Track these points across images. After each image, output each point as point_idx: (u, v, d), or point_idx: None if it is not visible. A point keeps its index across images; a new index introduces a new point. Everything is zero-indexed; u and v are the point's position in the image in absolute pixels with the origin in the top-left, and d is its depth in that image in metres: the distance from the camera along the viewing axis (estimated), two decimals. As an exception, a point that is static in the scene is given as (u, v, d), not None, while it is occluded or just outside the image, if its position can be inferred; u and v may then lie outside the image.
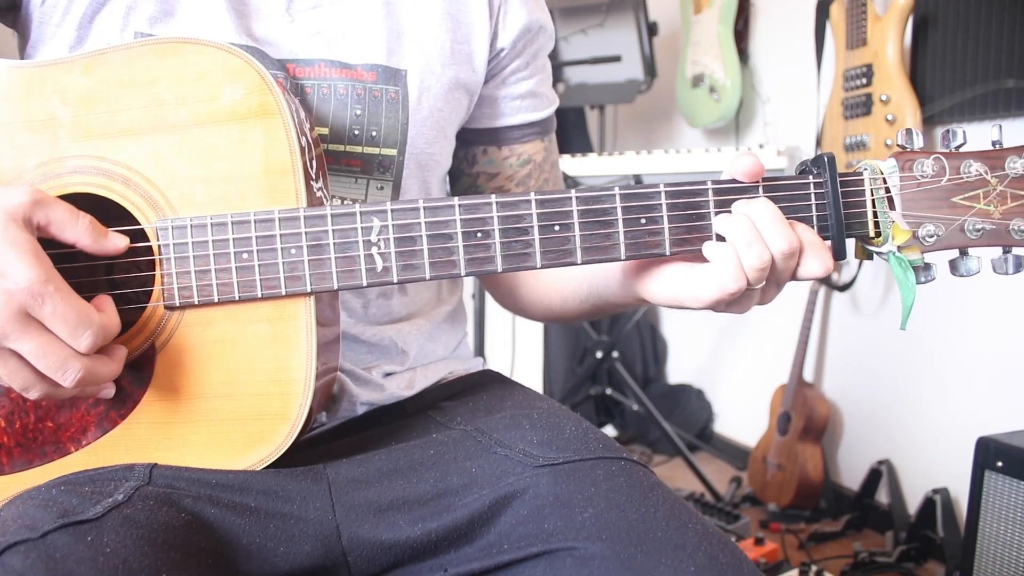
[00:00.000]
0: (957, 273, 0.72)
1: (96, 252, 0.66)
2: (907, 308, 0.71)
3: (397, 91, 0.84)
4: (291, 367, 0.70)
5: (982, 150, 0.71)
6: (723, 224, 0.70)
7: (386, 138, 0.84)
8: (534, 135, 0.98)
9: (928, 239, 0.71)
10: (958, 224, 0.71)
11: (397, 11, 0.86)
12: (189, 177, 0.69)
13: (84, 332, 0.62)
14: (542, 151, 1.00)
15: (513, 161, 0.97)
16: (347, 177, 0.84)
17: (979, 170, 0.70)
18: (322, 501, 0.72)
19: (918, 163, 0.71)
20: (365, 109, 0.83)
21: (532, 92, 0.96)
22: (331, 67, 0.82)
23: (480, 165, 0.98)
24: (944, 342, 2.14)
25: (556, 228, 0.69)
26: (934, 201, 0.71)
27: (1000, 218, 0.70)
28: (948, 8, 2.02)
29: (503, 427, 0.79)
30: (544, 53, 0.98)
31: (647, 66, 2.83)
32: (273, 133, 0.69)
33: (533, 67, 0.96)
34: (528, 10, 0.92)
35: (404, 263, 0.69)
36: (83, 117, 0.69)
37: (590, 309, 0.90)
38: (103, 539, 0.60)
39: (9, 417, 0.70)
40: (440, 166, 0.92)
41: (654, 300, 0.76)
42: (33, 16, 0.80)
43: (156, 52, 0.70)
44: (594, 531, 0.67)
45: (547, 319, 1.01)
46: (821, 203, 0.71)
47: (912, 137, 0.71)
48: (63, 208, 0.64)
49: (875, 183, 0.71)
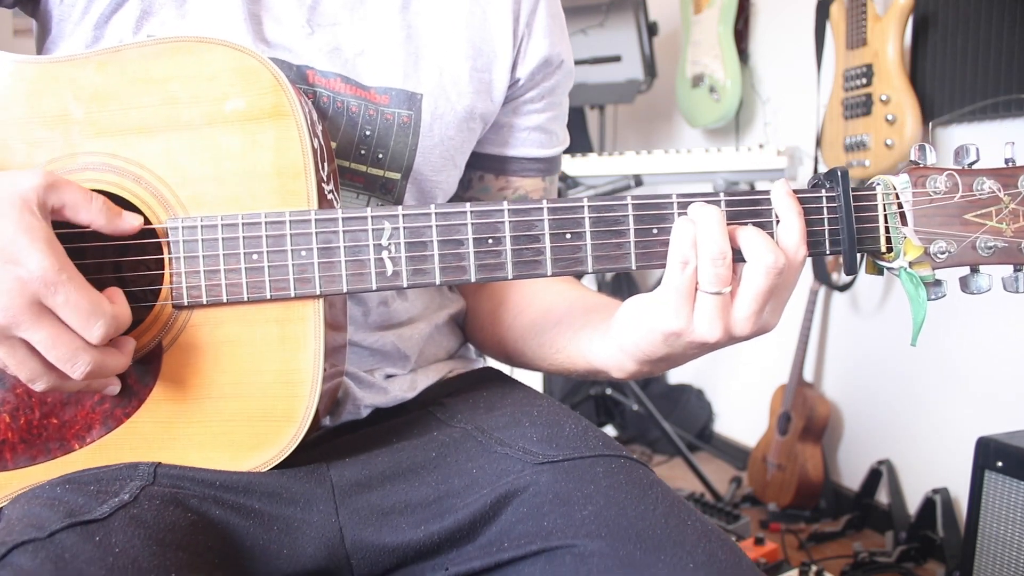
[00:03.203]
0: (968, 290, 0.72)
1: (111, 232, 0.66)
2: (918, 324, 0.71)
3: (410, 115, 0.83)
4: (298, 369, 0.70)
5: (995, 168, 0.71)
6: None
7: (391, 162, 0.83)
8: (536, 172, 0.95)
9: (940, 256, 0.70)
10: (970, 241, 0.70)
11: (417, 34, 0.84)
12: (201, 176, 0.69)
13: (97, 322, 0.61)
14: (540, 190, 0.96)
15: (508, 194, 0.95)
16: (349, 192, 0.83)
17: (992, 187, 0.70)
18: (325, 504, 0.72)
19: (931, 179, 0.70)
20: (375, 131, 0.82)
21: (542, 127, 0.93)
22: (346, 84, 0.81)
23: (474, 191, 0.95)
24: (944, 342, 2.14)
25: (568, 236, 0.69)
26: (946, 218, 0.70)
27: (1012, 236, 0.70)
28: (948, 8, 2.02)
29: (503, 425, 0.80)
30: (562, 91, 0.94)
31: (647, 66, 2.84)
32: (286, 134, 0.69)
33: (548, 101, 0.93)
34: (551, 42, 0.90)
35: (415, 268, 0.69)
36: (96, 114, 0.69)
37: (560, 371, 0.86)
38: (111, 539, 0.60)
39: (14, 413, 0.70)
40: (444, 194, 0.90)
41: (625, 335, 0.73)
42: (53, 12, 0.80)
43: (170, 51, 0.69)
44: (593, 529, 0.67)
45: (511, 361, 0.96)
46: (833, 217, 0.70)
47: (925, 153, 0.71)
48: (76, 190, 0.64)
49: (888, 198, 0.71)
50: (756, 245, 0.67)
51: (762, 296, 0.67)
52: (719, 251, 0.66)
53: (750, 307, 0.67)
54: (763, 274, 0.66)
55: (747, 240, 0.67)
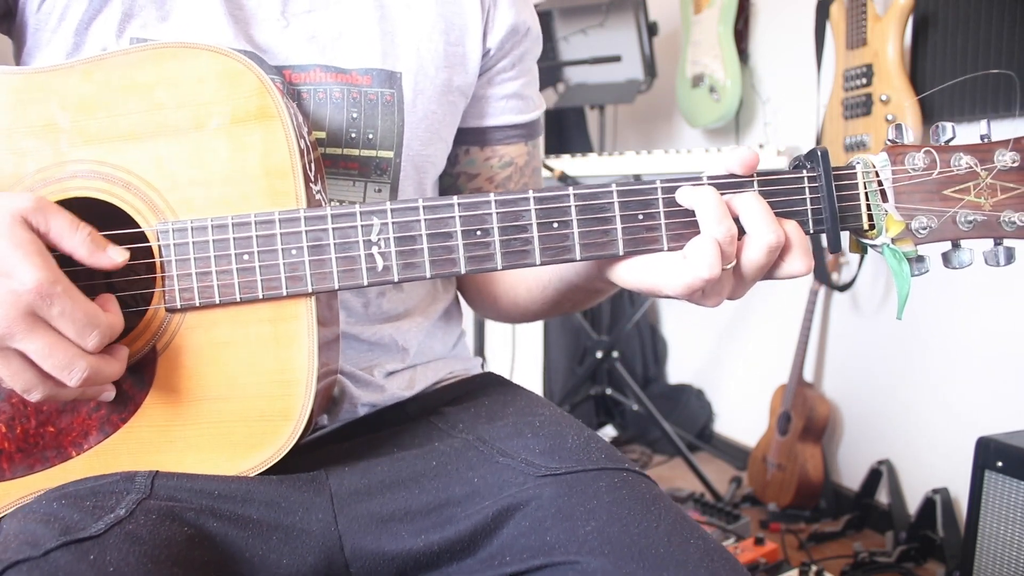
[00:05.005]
0: (950, 265, 0.73)
1: (91, 265, 0.66)
2: (903, 298, 0.72)
3: (392, 94, 0.84)
4: (293, 368, 0.70)
5: (971, 144, 0.72)
6: (689, 196, 0.69)
7: (382, 141, 0.84)
8: (518, 138, 0.97)
9: (921, 231, 0.72)
10: (950, 216, 0.72)
11: (391, 14, 0.86)
12: (189, 180, 0.69)
13: (92, 331, 0.62)
14: (524, 155, 0.99)
15: (495, 163, 0.97)
16: (345, 180, 0.84)
17: (969, 163, 0.72)
18: (324, 512, 0.72)
19: (909, 156, 0.72)
20: (361, 112, 0.83)
21: (517, 94, 0.96)
22: (326, 72, 0.82)
23: (461, 165, 0.97)
24: (944, 342, 2.14)
25: (555, 225, 0.70)
26: (926, 194, 0.72)
27: (991, 210, 0.72)
28: (948, 8, 2.02)
29: (505, 435, 0.79)
30: (531, 57, 0.97)
31: (647, 66, 2.83)
32: (273, 136, 0.69)
33: (519, 68, 0.95)
34: (516, 11, 0.92)
35: (404, 262, 0.69)
36: (83, 122, 0.69)
37: (553, 296, 0.89)
38: (106, 557, 0.60)
39: (10, 422, 0.70)
40: (436, 168, 0.92)
41: (622, 284, 0.74)
42: (29, 22, 0.80)
43: (155, 57, 0.70)
44: (596, 545, 0.67)
45: (513, 315, 0.99)
46: (815, 196, 0.72)
47: (903, 132, 0.72)
48: (64, 217, 0.64)
49: (868, 176, 0.72)
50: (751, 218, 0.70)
51: None
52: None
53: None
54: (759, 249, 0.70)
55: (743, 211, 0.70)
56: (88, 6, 0.78)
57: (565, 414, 0.85)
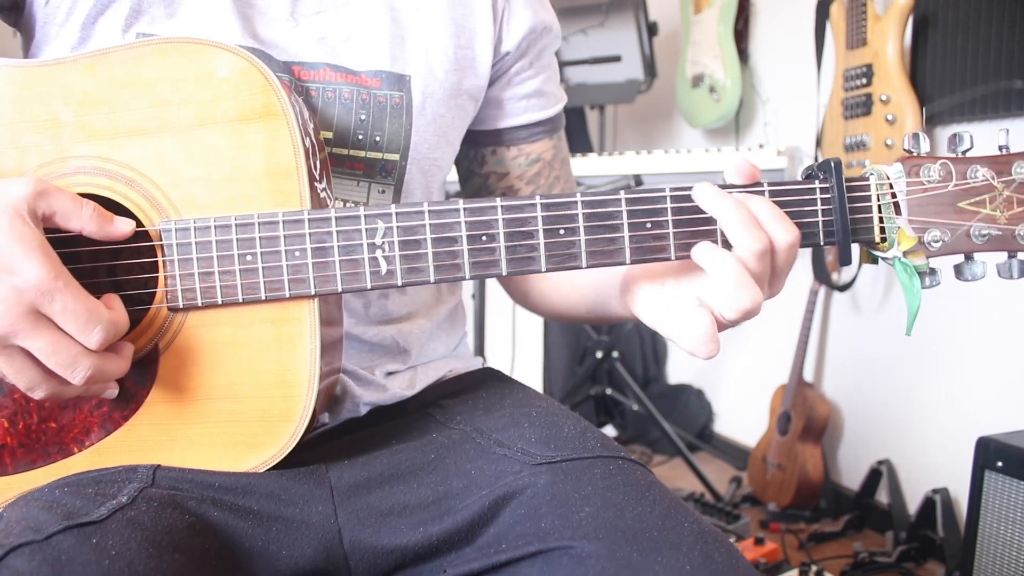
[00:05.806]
0: (962, 278, 0.72)
1: (102, 238, 0.66)
2: (912, 313, 0.71)
3: (401, 96, 0.84)
4: (295, 369, 0.70)
5: (989, 155, 0.71)
6: (712, 202, 0.68)
7: (389, 143, 0.84)
8: (542, 134, 0.98)
9: (934, 244, 0.70)
10: (964, 229, 0.70)
11: (401, 16, 0.86)
12: (192, 178, 0.69)
13: (95, 328, 0.61)
14: (551, 149, 0.99)
15: (522, 161, 0.97)
16: (349, 180, 0.84)
17: (986, 175, 0.70)
18: (324, 505, 0.73)
19: (924, 168, 0.70)
20: (369, 115, 0.83)
21: (538, 91, 0.96)
22: (335, 72, 0.82)
23: (490, 165, 0.98)
24: (944, 342, 2.14)
25: (561, 232, 0.69)
26: (940, 206, 0.70)
27: (1006, 223, 0.70)
28: (948, 8, 2.02)
29: (502, 426, 0.80)
30: (550, 52, 0.97)
31: (647, 66, 2.83)
32: (277, 134, 0.69)
33: (538, 66, 0.95)
34: (532, 11, 0.92)
35: (408, 266, 0.69)
36: (86, 117, 0.69)
37: (595, 318, 0.91)
38: (108, 541, 0.60)
39: (12, 418, 0.70)
40: (442, 171, 0.92)
41: (645, 322, 0.75)
42: (37, 16, 0.80)
43: (159, 52, 0.69)
44: (590, 530, 0.67)
45: (555, 319, 1.01)
46: (827, 208, 0.70)
47: (919, 141, 0.71)
48: (67, 197, 0.64)
49: (881, 188, 0.71)
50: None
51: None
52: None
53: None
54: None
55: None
56: (96, 1, 0.78)
57: (562, 407, 0.85)
